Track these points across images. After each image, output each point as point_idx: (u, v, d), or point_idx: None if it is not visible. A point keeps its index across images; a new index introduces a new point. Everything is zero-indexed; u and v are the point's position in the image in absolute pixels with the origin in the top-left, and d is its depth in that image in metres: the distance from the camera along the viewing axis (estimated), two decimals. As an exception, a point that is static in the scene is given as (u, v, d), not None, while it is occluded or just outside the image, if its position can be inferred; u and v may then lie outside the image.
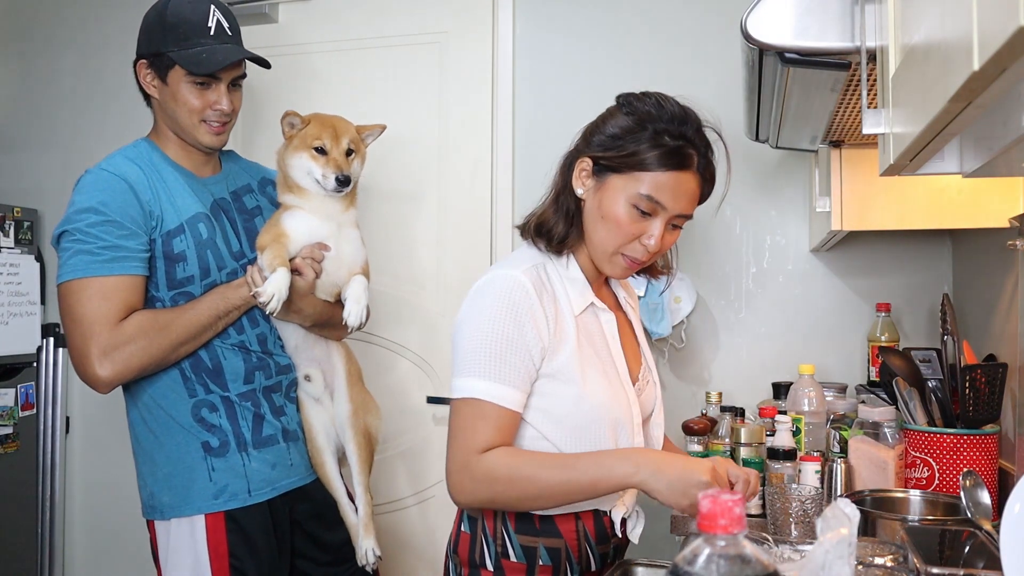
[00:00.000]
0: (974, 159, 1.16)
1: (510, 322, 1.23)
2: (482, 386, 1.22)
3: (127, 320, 1.55)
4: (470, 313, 1.27)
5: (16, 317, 2.63)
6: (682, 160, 1.24)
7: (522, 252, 1.36)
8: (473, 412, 1.23)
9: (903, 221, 1.75)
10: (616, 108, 1.31)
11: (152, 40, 1.66)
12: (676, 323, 2.28)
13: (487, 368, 1.22)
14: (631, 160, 1.23)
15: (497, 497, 1.23)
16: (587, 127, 1.34)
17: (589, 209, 1.30)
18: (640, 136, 1.23)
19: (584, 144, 1.32)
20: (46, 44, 2.92)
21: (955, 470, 1.53)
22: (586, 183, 1.30)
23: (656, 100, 1.26)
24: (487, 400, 1.22)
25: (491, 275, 1.29)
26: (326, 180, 1.68)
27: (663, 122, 1.24)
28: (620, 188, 1.25)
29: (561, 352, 1.26)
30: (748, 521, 0.98)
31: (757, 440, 1.76)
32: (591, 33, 2.43)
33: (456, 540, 1.35)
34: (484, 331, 1.23)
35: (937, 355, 1.65)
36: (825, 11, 1.07)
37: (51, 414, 2.79)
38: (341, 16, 2.62)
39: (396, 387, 2.53)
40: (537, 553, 1.29)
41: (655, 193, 1.23)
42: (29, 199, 2.84)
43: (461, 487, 1.23)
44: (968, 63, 0.59)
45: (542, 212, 1.35)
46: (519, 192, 2.45)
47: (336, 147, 1.70)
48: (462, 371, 1.24)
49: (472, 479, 1.21)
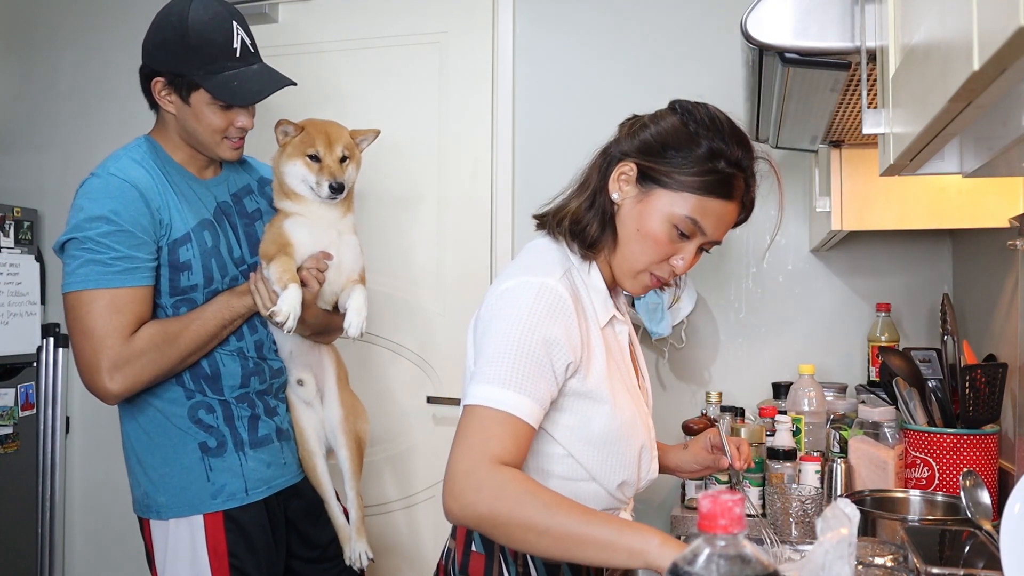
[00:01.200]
0: (974, 159, 1.16)
1: (542, 334, 1.12)
2: (508, 397, 1.09)
3: (138, 334, 1.54)
4: (500, 317, 1.15)
5: (16, 317, 2.63)
6: (732, 190, 1.19)
7: (546, 255, 1.25)
8: (492, 418, 1.10)
9: (903, 221, 1.75)
10: (669, 113, 1.24)
11: (173, 59, 1.60)
12: (676, 323, 2.28)
13: (514, 378, 1.10)
14: (695, 183, 1.17)
15: (497, 516, 1.05)
16: (635, 128, 1.25)
17: (626, 218, 1.22)
18: (694, 153, 1.17)
19: (630, 146, 1.22)
20: (46, 44, 2.92)
21: (955, 470, 1.53)
22: (625, 189, 1.22)
23: (720, 120, 1.20)
24: (513, 414, 1.09)
25: (523, 279, 1.17)
26: (320, 188, 1.68)
27: (721, 142, 1.18)
28: (664, 205, 1.18)
29: (593, 369, 1.19)
30: (748, 521, 0.98)
31: (757, 440, 1.76)
32: (591, 33, 2.43)
33: (465, 560, 1.25)
34: (514, 339, 1.12)
35: (937, 355, 1.66)
36: (825, 11, 1.07)
37: (51, 414, 2.79)
38: (341, 16, 2.62)
39: (396, 387, 2.53)
40: (560, 572, 1.23)
41: (700, 218, 1.18)
42: (29, 199, 2.84)
43: (460, 495, 1.07)
44: (968, 63, 0.59)
45: (575, 209, 1.24)
46: (519, 192, 2.45)
47: (330, 154, 1.70)
48: (487, 378, 1.12)
49: (475, 488, 1.06)
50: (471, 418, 1.12)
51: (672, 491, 2.22)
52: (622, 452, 1.22)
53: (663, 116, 1.23)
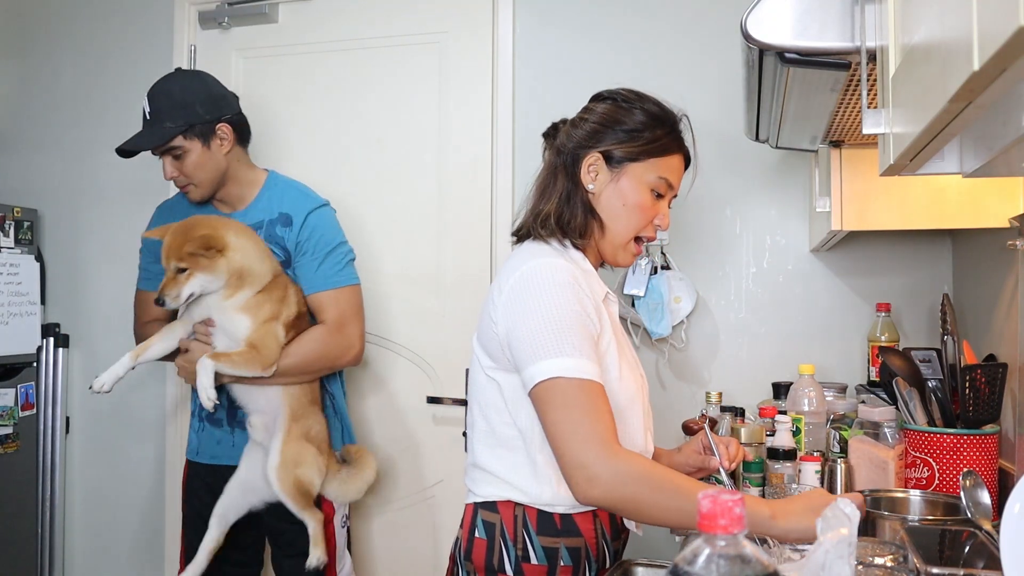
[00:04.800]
0: (974, 159, 1.16)
1: (574, 301, 1.22)
2: (572, 363, 1.17)
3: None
4: (528, 302, 1.22)
5: (16, 317, 2.63)
6: (680, 143, 1.39)
7: (538, 248, 1.33)
8: (581, 396, 1.16)
9: (903, 221, 1.75)
10: (598, 102, 1.41)
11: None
12: (676, 323, 2.28)
13: (569, 346, 1.18)
14: (654, 147, 1.35)
15: (640, 497, 1.15)
16: (575, 124, 1.40)
17: (608, 200, 1.36)
18: (657, 125, 1.36)
19: (590, 141, 1.36)
20: (46, 45, 2.92)
21: (955, 470, 1.53)
22: (598, 177, 1.36)
23: (641, 94, 1.39)
24: (583, 377, 1.17)
25: (531, 264, 1.26)
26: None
27: (650, 105, 1.37)
28: (640, 175, 1.35)
29: (603, 336, 1.28)
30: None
31: (757, 440, 1.76)
32: (591, 33, 2.43)
33: (468, 546, 1.32)
34: (553, 313, 1.20)
35: (937, 355, 1.65)
36: (825, 11, 1.07)
37: (51, 414, 2.78)
38: (341, 16, 2.62)
39: (396, 387, 2.53)
40: (558, 554, 1.28)
41: (669, 175, 1.37)
42: (29, 199, 2.84)
43: (599, 480, 1.14)
44: (968, 63, 0.59)
45: (553, 208, 1.35)
46: (519, 192, 2.44)
47: (168, 268, 1.80)
48: (544, 353, 1.18)
49: (615, 472, 1.14)
50: (561, 400, 1.17)
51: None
52: (630, 418, 1.30)
53: (594, 106, 1.41)
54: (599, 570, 1.32)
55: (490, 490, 1.30)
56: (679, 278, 2.29)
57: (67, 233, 2.87)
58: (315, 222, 2.01)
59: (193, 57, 2.73)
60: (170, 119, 1.95)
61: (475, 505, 1.33)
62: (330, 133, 2.62)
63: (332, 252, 2.01)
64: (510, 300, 1.25)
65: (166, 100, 1.97)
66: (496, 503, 1.30)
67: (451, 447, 2.48)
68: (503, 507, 1.30)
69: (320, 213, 2.03)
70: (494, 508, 1.30)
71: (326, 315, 1.97)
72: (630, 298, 2.27)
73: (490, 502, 1.31)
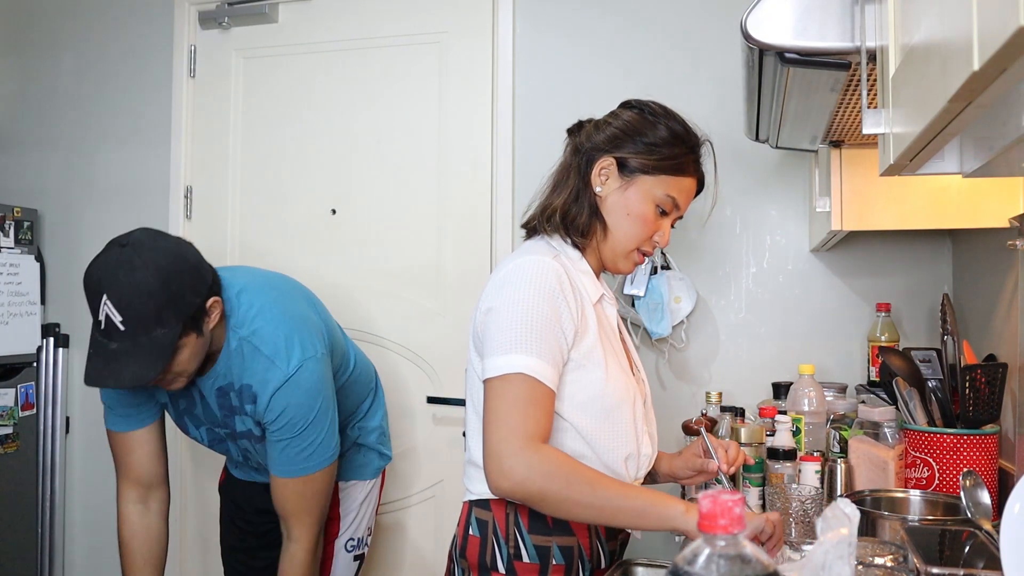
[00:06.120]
0: (974, 159, 1.16)
1: (547, 304, 1.23)
2: (528, 362, 1.20)
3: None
4: (504, 297, 1.25)
5: (16, 317, 2.63)
6: (697, 167, 1.39)
7: (535, 246, 1.35)
8: (523, 393, 1.19)
9: (903, 221, 1.75)
10: (626, 109, 1.41)
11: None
12: (676, 323, 2.28)
13: (529, 345, 1.20)
14: (668, 165, 1.35)
15: (547, 493, 1.17)
16: (599, 126, 1.40)
17: (613, 206, 1.36)
18: (677, 144, 1.36)
19: (600, 141, 1.37)
20: (47, 44, 2.92)
21: (955, 470, 1.53)
22: (607, 182, 1.36)
23: (670, 110, 1.39)
24: (534, 377, 1.19)
25: (518, 261, 1.29)
26: None
27: (676, 124, 1.37)
28: (648, 189, 1.35)
29: (587, 338, 1.28)
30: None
31: (757, 440, 1.76)
32: (591, 33, 2.43)
33: (463, 544, 1.33)
34: (522, 311, 1.22)
35: (937, 355, 1.65)
36: (825, 11, 1.07)
37: (51, 414, 2.79)
38: (341, 16, 2.62)
39: (396, 387, 2.53)
40: (550, 552, 1.28)
41: (678, 195, 1.36)
42: (29, 199, 2.85)
43: (511, 473, 1.17)
44: (968, 63, 0.59)
45: (561, 204, 1.37)
46: (519, 192, 2.45)
47: None
48: (503, 348, 1.21)
49: (527, 466, 1.16)
50: (500, 393, 1.21)
51: (672, 491, 2.22)
52: (617, 421, 1.30)
53: (621, 112, 1.41)
54: (595, 570, 1.31)
55: (483, 487, 1.30)
56: (679, 278, 2.29)
57: (67, 233, 2.87)
58: (282, 403, 1.62)
59: (193, 57, 2.74)
60: (159, 322, 1.46)
61: (470, 503, 1.34)
62: (330, 133, 2.62)
63: (299, 435, 1.65)
64: (490, 294, 1.29)
65: (142, 300, 1.45)
66: (489, 501, 1.31)
67: (451, 447, 2.49)
68: (495, 505, 1.30)
69: (288, 390, 1.62)
70: (487, 506, 1.31)
71: (287, 507, 1.71)
72: (630, 298, 2.27)
73: (483, 500, 1.31)
